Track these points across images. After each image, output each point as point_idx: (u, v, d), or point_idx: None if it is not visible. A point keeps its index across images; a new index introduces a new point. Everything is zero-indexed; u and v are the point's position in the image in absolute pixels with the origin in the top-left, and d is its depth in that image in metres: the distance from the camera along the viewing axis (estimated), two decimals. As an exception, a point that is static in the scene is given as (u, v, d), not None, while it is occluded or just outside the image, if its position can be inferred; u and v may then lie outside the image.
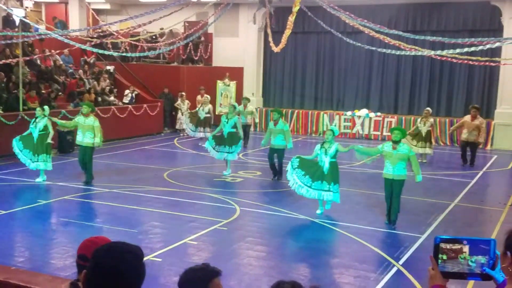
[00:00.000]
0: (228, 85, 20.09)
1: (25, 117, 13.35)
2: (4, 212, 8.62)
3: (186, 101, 18.30)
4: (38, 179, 10.81)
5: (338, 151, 8.86)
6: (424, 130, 13.98)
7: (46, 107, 11.23)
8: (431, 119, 14.26)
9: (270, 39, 12.23)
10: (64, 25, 19.90)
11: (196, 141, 16.55)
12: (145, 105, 17.93)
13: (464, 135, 14.02)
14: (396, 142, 8.40)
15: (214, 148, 12.04)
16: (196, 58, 20.55)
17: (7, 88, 14.85)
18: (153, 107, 18.25)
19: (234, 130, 12.04)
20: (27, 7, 17.25)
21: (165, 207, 9.33)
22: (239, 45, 20.56)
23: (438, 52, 11.79)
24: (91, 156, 10.73)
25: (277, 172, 11.63)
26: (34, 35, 13.92)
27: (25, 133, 10.94)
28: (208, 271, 2.22)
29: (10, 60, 14.09)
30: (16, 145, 10.86)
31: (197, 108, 16.48)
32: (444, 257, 1.99)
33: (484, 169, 13.87)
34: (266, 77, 21.30)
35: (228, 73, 20.08)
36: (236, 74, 20.37)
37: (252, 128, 16.05)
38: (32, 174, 11.12)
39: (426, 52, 12.02)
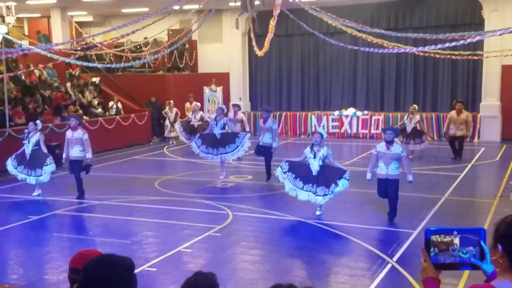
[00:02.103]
0: (215, 91, 20.12)
1: (12, 133, 13.25)
2: (-5, 230, 8.55)
3: (174, 109, 18.29)
4: (35, 193, 10.77)
5: (327, 158, 8.89)
6: (410, 127, 14.13)
7: (38, 121, 11.20)
8: (417, 116, 14.41)
9: (254, 43, 12.26)
10: (48, 39, 19.79)
11: (188, 148, 16.50)
12: (132, 115, 17.88)
13: (452, 130, 14.17)
14: (390, 142, 8.47)
15: (205, 152, 11.91)
16: (182, 66, 20.55)
17: (-8, 105, 14.73)
18: (141, 117, 18.20)
19: (225, 131, 12.02)
20: (9, 23, 17.12)
21: (157, 216, 9.31)
22: (224, 50, 20.60)
23: (420, 48, 11.91)
24: (79, 170, 10.65)
25: (267, 173, 11.66)
26: (17, 50, 13.81)
27: (19, 151, 10.90)
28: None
29: (-6, 77, 13.98)
30: (11, 163, 10.83)
31: (188, 117, 16.45)
32: (436, 250, 2.01)
33: (473, 161, 14.00)
34: (252, 81, 21.35)
35: (214, 79, 20.11)
36: (222, 79, 20.40)
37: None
38: (21, 190, 11.04)
39: (409, 49, 12.12)
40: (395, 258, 6.99)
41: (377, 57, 18.90)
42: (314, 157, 8.85)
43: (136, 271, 2.03)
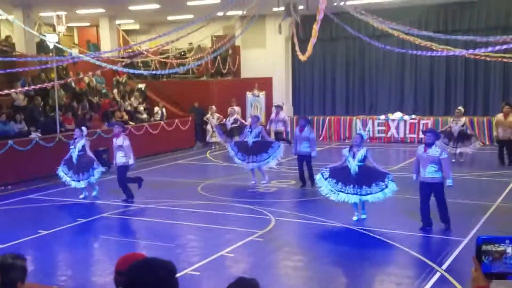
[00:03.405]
0: (258, 96, 20.17)
1: (63, 138, 13.71)
2: (45, 232, 8.83)
3: (216, 115, 18.44)
4: (81, 196, 11.14)
5: (367, 158, 8.72)
6: (456, 130, 13.73)
7: (84, 127, 11.56)
8: (463, 119, 13.99)
9: (297, 48, 12.21)
10: (97, 48, 20.45)
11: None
12: (176, 120, 18.17)
13: (500, 134, 13.68)
14: (428, 145, 8.21)
15: (241, 159, 11.96)
16: (225, 71, 20.72)
17: (44, 111, 15.31)
18: (184, 122, 18.46)
19: (259, 139, 11.98)
20: (59, 32, 17.79)
21: (200, 220, 9.37)
22: (267, 55, 20.64)
23: (471, 51, 11.53)
24: (123, 175, 10.89)
25: (311, 179, 11.53)
26: (68, 59, 14.32)
27: (66, 157, 11.29)
28: None
29: (46, 84, 14.54)
30: (61, 170, 11.23)
31: (224, 120, 16.70)
32: (490, 258, 1.93)
33: (526, 167, 13.40)
34: (296, 86, 21.28)
35: (257, 84, 20.16)
36: (265, 84, 20.44)
37: (284, 135, 16.09)
38: (70, 193, 11.38)
39: (458, 52, 11.78)
40: (444, 267, 6.74)
41: (426, 60, 18.44)
42: (353, 157, 8.72)
43: (179, 274, 2.04)
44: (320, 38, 14.02)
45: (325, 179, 8.92)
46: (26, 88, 14.28)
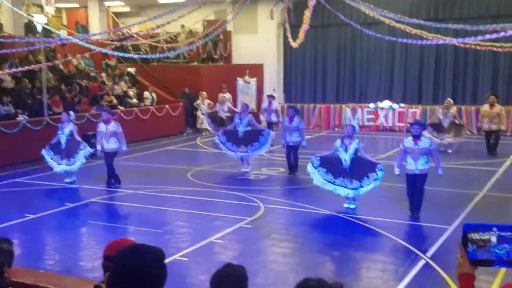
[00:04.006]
0: (249, 83, 20.09)
1: (50, 122, 13.58)
2: (33, 216, 8.79)
3: (207, 101, 18.35)
4: (68, 180, 11.01)
5: (359, 150, 8.75)
6: (446, 122, 13.86)
7: (71, 112, 11.43)
8: (452, 109, 14.12)
9: (288, 34, 12.16)
10: (86, 30, 20.16)
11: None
12: (166, 106, 18.06)
13: (486, 124, 13.86)
14: (417, 137, 8.27)
15: (230, 149, 11.87)
16: (216, 57, 20.59)
17: (31, 94, 15.12)
18: (175, 108, 18.37)
19: (249, 128, 11.94)
20: (48, 13, 17.52)
21: (190, 207, 9.38)
22: (259, 41, 20.53)
23: (461, 40, 11.56)
24: (112, 160, 10.83)
25: (295, 166, 11.57)
26: (56, 40, 14.13)
27: (53, 141, 11.15)
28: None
29: (33, 66, 14.34)
30: (46, 153, 11.07)
31: (215, 109, 16.46)
32: (474, 246, 1.97)
33: (512, 157, 13.57)
34: (287, 73, 21.23)
35: (248, 70, 20.08)
36: (256, 71, 20.36)
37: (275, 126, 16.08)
38: (58, 177, 11.30)
39: (449, 41, 11.81)
40: (429, 254, 6.84)
41: (416, 48, 18.47)
42: (346, 150, 8.73)
43: (168, 260, 2.04)
44: (312, 25, 13.97)
45: (315, 167, 8.95)
46: (13, 69, 14.08)
